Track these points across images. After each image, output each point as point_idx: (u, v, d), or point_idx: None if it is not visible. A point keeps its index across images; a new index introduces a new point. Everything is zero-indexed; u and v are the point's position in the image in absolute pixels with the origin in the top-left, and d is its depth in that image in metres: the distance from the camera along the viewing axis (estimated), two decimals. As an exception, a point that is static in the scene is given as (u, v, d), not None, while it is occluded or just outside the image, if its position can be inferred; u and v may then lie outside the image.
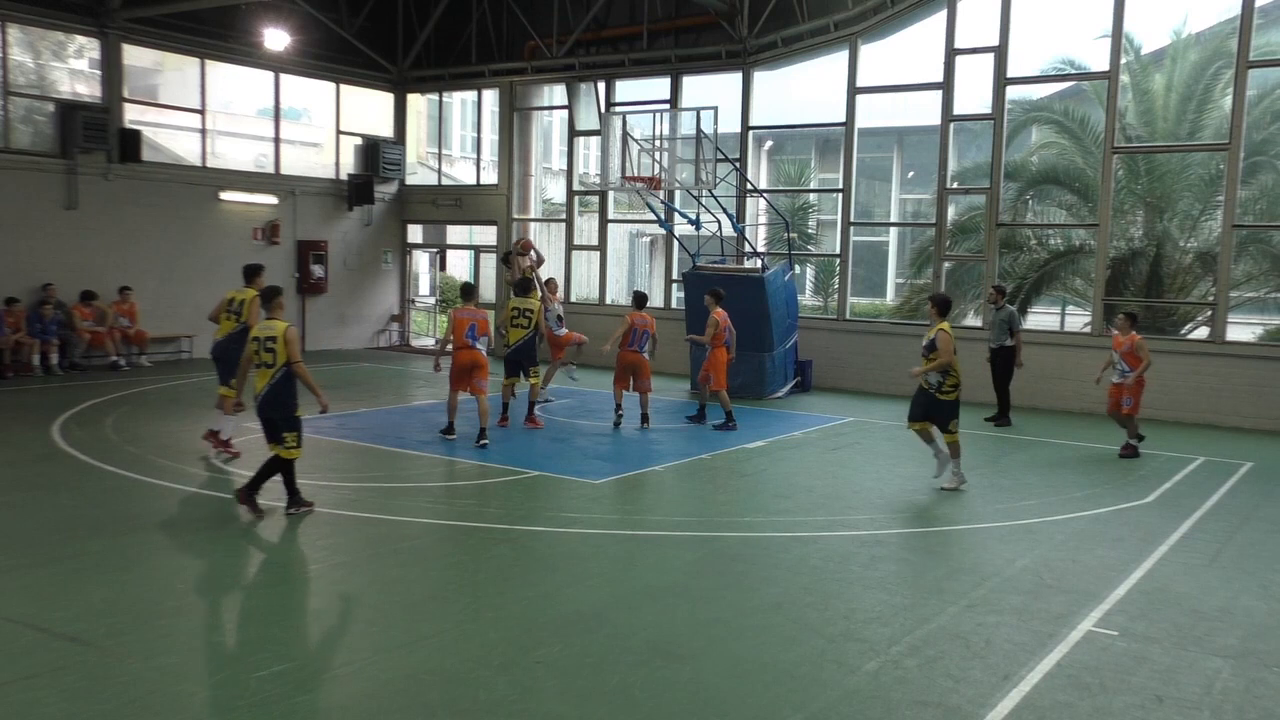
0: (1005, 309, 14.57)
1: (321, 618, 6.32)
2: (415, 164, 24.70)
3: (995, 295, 14.77)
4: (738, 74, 19.19)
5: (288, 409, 8.43)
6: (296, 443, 8.48)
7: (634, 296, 13.97)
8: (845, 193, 18.48)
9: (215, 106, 20.49)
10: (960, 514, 9.33)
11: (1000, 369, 14.50)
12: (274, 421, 8.45)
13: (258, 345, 8.46)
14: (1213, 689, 5.53)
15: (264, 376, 8.44)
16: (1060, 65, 18.66)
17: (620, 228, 23.37)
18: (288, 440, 8.42)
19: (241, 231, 20.56)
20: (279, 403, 8.43)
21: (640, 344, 13.37)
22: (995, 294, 14.79)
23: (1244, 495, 10.42)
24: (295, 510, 8.54)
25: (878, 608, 6.66)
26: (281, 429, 8.42)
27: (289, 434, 8.43)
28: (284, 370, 8.38)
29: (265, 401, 8.45)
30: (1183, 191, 19.33)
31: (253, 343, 8.52)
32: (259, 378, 8.48)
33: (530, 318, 12.99)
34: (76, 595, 6.61)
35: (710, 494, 10.08)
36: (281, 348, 8.36)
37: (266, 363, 8.41)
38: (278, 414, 8.43)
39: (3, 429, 12.33)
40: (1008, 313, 14.53)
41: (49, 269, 17.47)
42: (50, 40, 18.23)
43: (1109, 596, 6.98)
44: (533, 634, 6.04)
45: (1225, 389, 15.01)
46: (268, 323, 8.56)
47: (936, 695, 5.32)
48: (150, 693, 5.19)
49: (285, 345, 8.36)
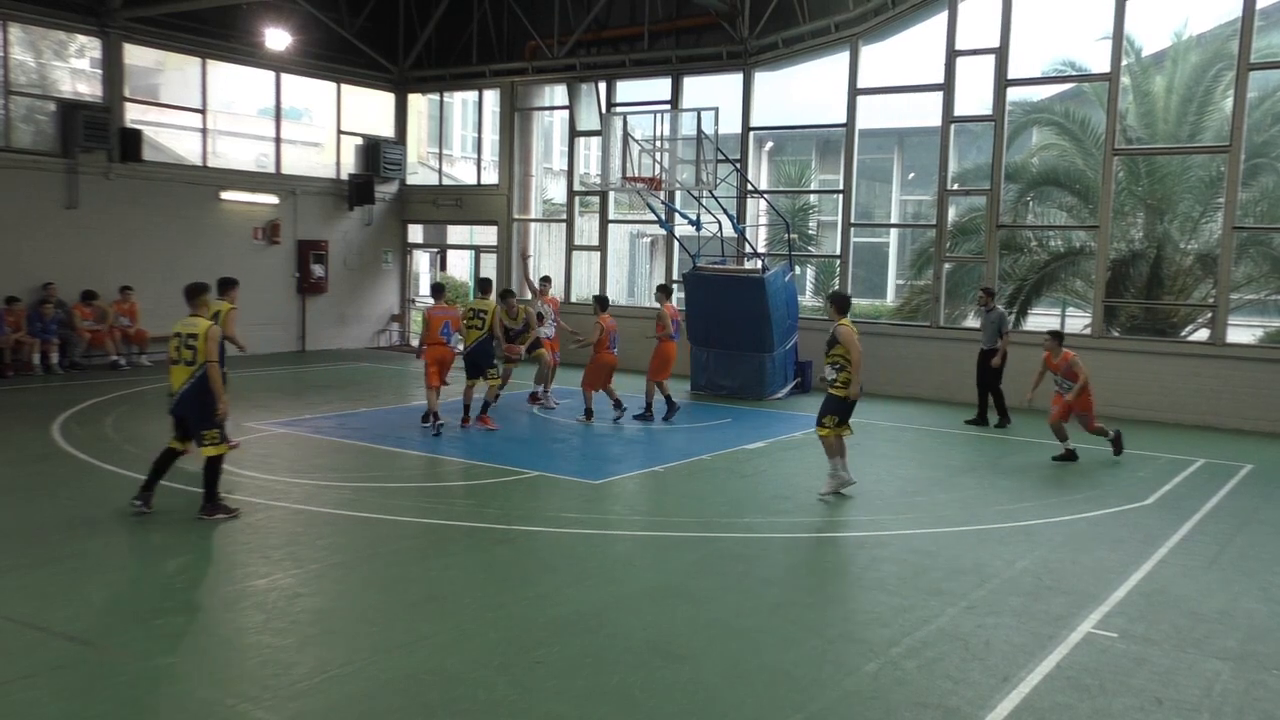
0: (995, 310, 14.58)
1: (321, 618, 6.32)
2: (416, 164, 24.71)
3: (984, 297, 14.79)
4: (738, 75, 19.19)
5: (205, 409, 8.22)
6: (219, 439, 8.29)
7: (598, 300, 14.45)
8: (846, 194, 18.49)
9: (216, 106, 20.50)
10: (960, 515, 9.32)
11: (988, 371, 14.49)
12: (188, 420, 8.27)
13: (178, 341, 8.24)
14: (1212, 691, 5.53)
15: (182, 374, 8.24)
16: (1061, 67, 18.66)
17: (621, 228, 23.37)
18: (208, 438, 8.22)
19: (242, 231, 20.57)
20: (195, 402, 8.22)
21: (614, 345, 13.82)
22: (984, 296, 14.81)
23: (1244, 497, 10.42)
24: (210, 515, 8.28)
25: (877, 609, 6.66)
26: (200, 427, 8.23)
27: (209, 431, 8.23)
28: (203, 370, 8.19)
29: (181, 400, 8.23)
30: (1183, 193, 19.32)
31: (174, 339, 8.29)
32: (177, 375, 8.29)
33: (484, 319, 12.82)
34: (76, 595, 6.62)
35: (710, 495, 10.07)
36: (202, 345, 8.17)
37: (186, 360, 8.21)
38: (193, 414, 8.23)
39: (3, 428, 12.33)
40: (998, 314, 14.54)
41: (50, 268, 17.47)
42: (51, 40, 18.24)
43: (1109, 598, 6.98)
44: (532, 634, 6.04)
45: (1225, 391, 15.01)
46: (190, 319, 8.34)
47: (936, 697, 5.32)
48: (149, 693, 5.19)
49: (205, 343, 8.18)
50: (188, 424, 8.33)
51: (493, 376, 13.08)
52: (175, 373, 8.32)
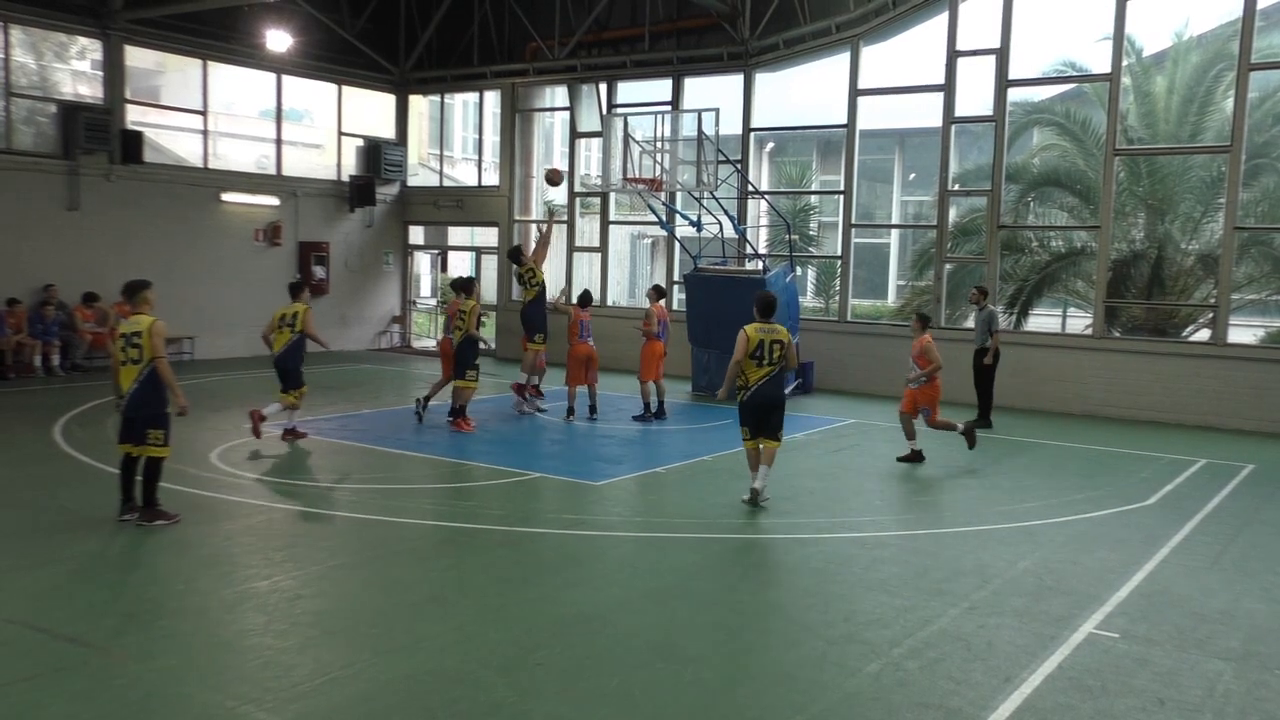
0: (986, 309, 14.57)
1: (322, 619, 6.31)
2: (417, 165, 24.71)
3: (977, 295, 14.78)
4: (739, 76, 19.19)
5: (154, 407, 8.11)
6: (164, 440, 8.17)
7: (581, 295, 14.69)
8: (846, 194, 18.48)
9: (217, 108, 20.51)
10: (961, 516, 9.32)
11: (981, 370, 14.47)
12: (137, 421, 8.12)
13: (124, 342, 8.10)
14: (1215, 691, 5.52)
15: (130, 374, 8.10)
16: (1061, 67, 18.64)
17: (622, 229, 23.35)
18: (152, 437, 8.12)
19: (243, 233, 20.58)
20: (145, 401, 8.09)
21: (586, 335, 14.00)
22: (977, 294, 14.80)
23: (1245, 498, 10.41)
24: (150, 522, 8.12)
25: (879, 610, 6.65)
26: (146, 426, 8.11)
27: (155, 431, 8.12)
28: (151, 367, 8.07)
29: (131, 400, 8.09)
30: (1184, 194, 19.31)
31: (119, 339, 8.16)
32: (125, 375, 8.14)
33: (465, 318, 12.76)
34: (78, 596, 6.62)
35: (711, 496, 10.07)
36: (147, 341, 8.03)
37: (133, 359, 8.07)
38: (142, 413, 8.09)
39: (4, 430, 12.34)
40: (988, 313, 14.53)
41: (51, 270, 17.48)
42: (52, 41, 18.25)
43: (1110, 599, 6.98)
44: (533, 635, 6.04)
45: (1227, 391, 14.99)
46: (134, 318, 8.18)
47: (938, 697, 5.31)
48: (151, 695, 5.19)
49: (150, 339, 8.04)
50: (135, 424, 8.13)
51: (470, 379, 12.85)
52: (123, 374, 8.14)
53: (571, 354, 13.89)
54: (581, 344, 13.87)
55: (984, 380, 14.45)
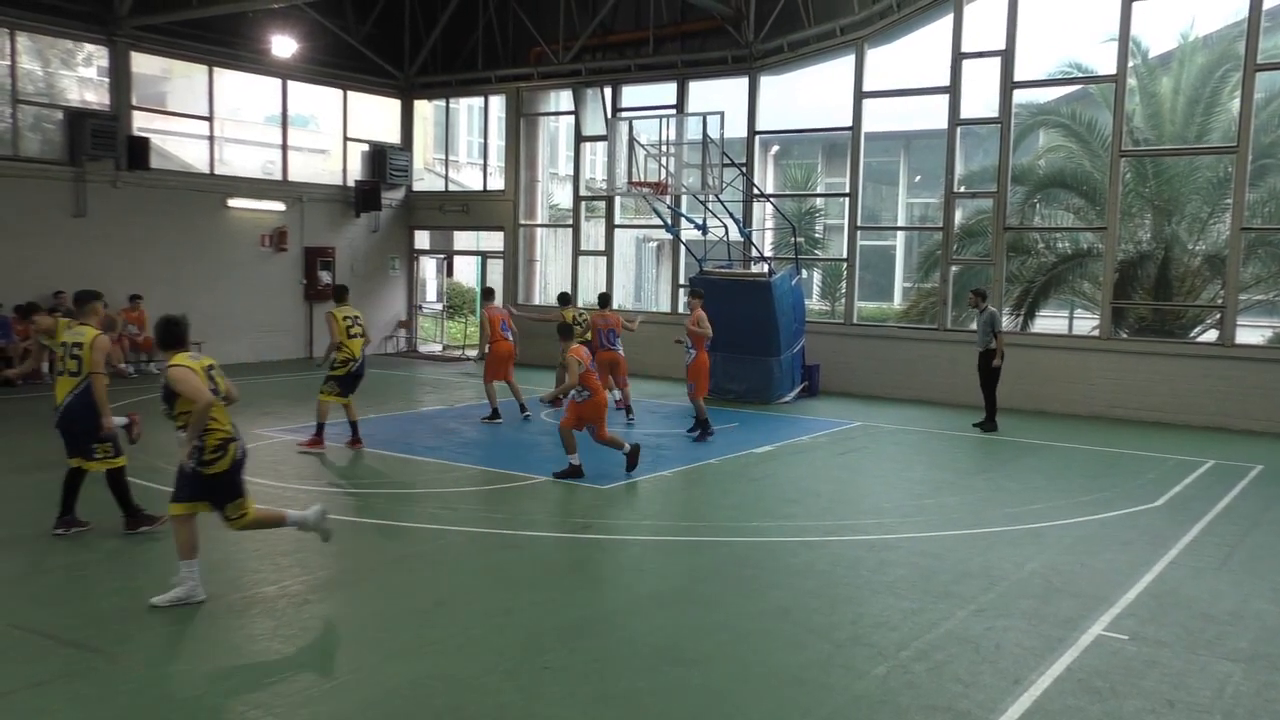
0: (987, 311, 14.53)
1: (328, 624, 6.32)
2: (422, 170, 24.76)
3: (975, 299, 14.72)
4: (744, 79, 19.19)
5: (88, 422, 7.79)
6: (113, 451, 7.98)
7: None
8: (852, 197, 18.46)
9: (223, 114, 20.56)
10: (968, 518, 9.29)
11: (986, 372, 14.44)
12: (76, 435, 7.87)
13: (64, 351, 7.84)
14: (1224, 693, 5.50)
15: (66, 385, 7.80)
16: (1067, 69, 18.62)
17: (627, 233, 23.38)
18: (99, 451, 7.90)
19: (249, 238, 20.63)
20: (78, 416, 7.80)
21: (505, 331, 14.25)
22: (975, 298, 14.74)
23: (1254, 498, 10.37)
24: (134, 530, 8.03)
25: (886, 612, 6.64)
26: (89, 440, 7.86)
27: (100, 445, 7.89)
28: (87, 382, 7.78)
29: (65, 414, 7.82)
30: (1191, 194, 19.27)
31: (60, 348, 7.91)
32: (61, 386, 7.88)
33: (363, 325, 11.93)
34: (84, 602, 6.63)
35: (717, 499, 10.06)
36: (87, 355, 7.75)
37: (71, 370, 7.78)
38: (79, 427, 7.83)
39: (11, 436, 12.38)
40: (989, 315, 14.49)
41: (58, 277, 17.48)
42: (59, 48, 18.32)
43: (1119, 600, 6.95)
44: (539, 639, 6.04)
45: (1235, 392, 14.94)
46: (78, 328, 7.92)
47: (946, 700, 5.30)
48: (158, 700, 5.19)
49: (90, 353, 7.76)
50: (77, 439, 7.89)
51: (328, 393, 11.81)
52: (59, 384, 7.88)
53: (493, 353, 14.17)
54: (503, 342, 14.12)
55: (990, 382, 14.42)
